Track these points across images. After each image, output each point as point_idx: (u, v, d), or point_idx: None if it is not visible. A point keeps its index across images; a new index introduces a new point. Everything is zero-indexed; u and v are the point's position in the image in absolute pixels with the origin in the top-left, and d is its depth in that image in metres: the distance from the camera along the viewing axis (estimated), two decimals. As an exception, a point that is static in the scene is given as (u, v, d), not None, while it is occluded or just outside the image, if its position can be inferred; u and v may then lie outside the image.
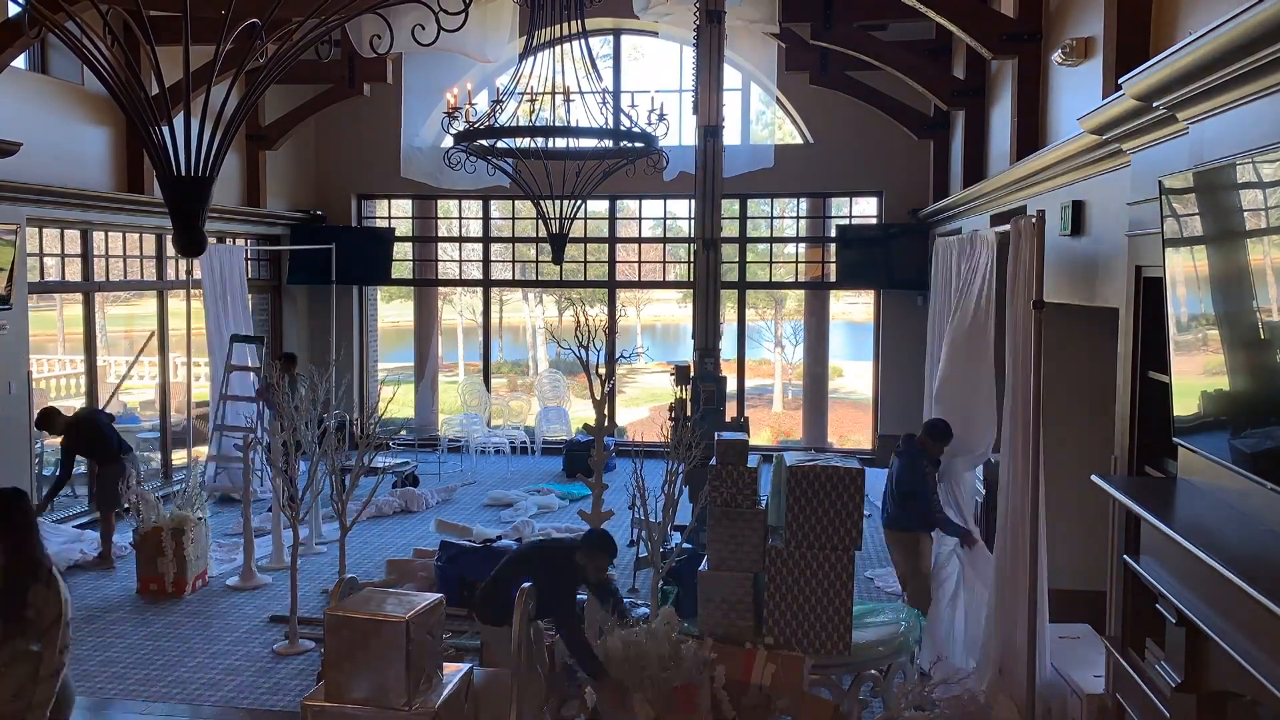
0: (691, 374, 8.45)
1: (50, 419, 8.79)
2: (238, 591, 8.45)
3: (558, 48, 7.64)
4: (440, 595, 4.87)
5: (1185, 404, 4.14)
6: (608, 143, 7.85)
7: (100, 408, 9.98)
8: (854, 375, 22.64)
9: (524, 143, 7.82)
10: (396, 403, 12.70)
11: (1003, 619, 6.18)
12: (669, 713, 4.97)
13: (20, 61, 9.63)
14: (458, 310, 24.43)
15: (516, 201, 14.39)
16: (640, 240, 15.05)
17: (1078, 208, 6.68)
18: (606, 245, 15.04)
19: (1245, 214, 3.52)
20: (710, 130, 8.09)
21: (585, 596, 6.05)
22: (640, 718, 4.98)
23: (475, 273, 15.53)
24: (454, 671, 4.89)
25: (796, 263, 14.77)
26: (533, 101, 7.51)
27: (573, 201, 8.59)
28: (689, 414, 7.92)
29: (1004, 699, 6.06)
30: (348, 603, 4.68)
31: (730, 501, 5.78)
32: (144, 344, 11.93)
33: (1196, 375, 4.06)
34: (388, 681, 4.47)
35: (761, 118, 17.88)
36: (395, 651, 4.45)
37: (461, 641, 6.87)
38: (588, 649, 5.18)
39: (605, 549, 5.55)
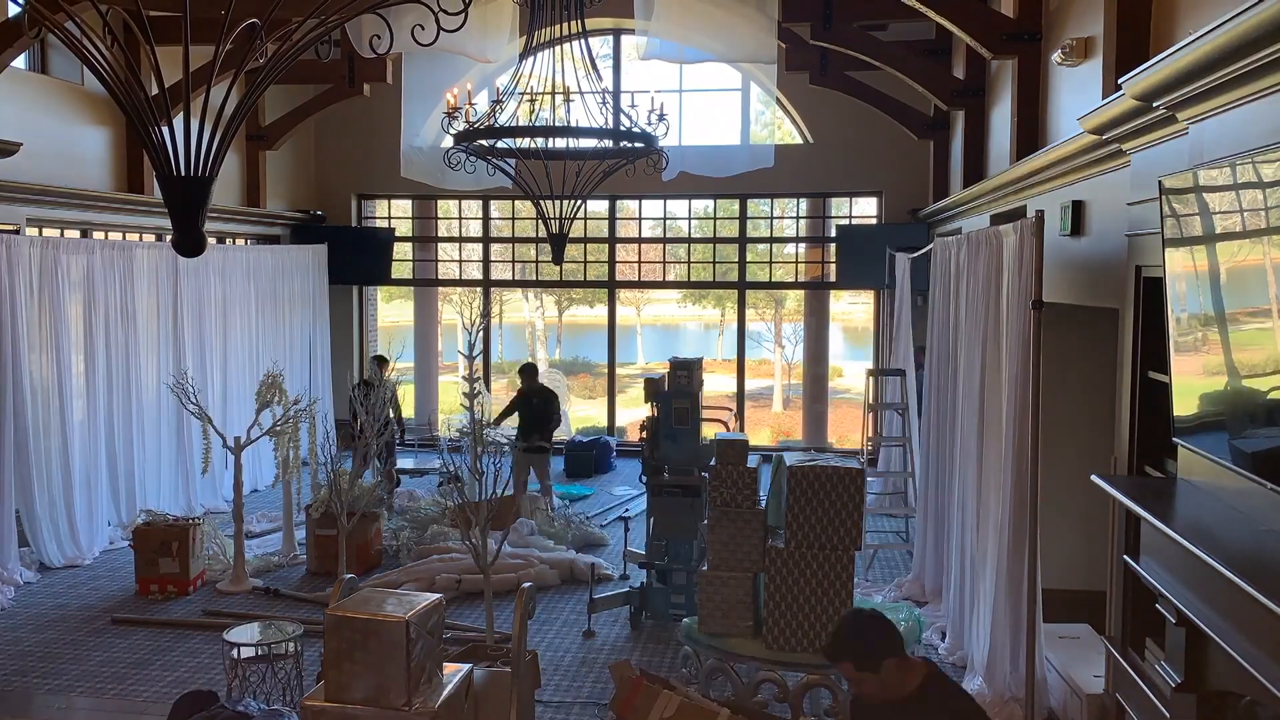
0: (665, 387, 7.82)
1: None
2: (230, 594, 8.43)
3: (557, 48, 7.64)
4: (440, 595, 4.87)
5: (1185, 404, 4.14)
6: (608, 143, 7.85)
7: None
8: (854, 375, 22.66)
9: (524, 143, 7.81)
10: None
11: (998, 618, 6.18)
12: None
13: (20, 61, 9.63)
14: (457, 310, 24.44)
15: (516, 201, 14.40)
16: (640, 240, 15.05)
17: (1078, 208, 6.68)
18: (606, 245, 15.04)
19: (1245, 214, 3.52)
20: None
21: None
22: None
23: (475, 273, 15.54)
24: (454, 671, 4.89)
25: (796, 263, 14.77)
26: (533, 101, 7.50)
27: (573, 201, 8.58)
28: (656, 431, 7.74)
29: (1007, 701, 6.06)
30: (347, 602, 4.68)
31: (730, 502, 5.77)
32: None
33: (1196, 375, 4.06)
34: (388, 681, 4.46)
35: (761, 118, 17.90)
36: (395, 651, 4.44)
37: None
38: None
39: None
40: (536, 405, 10.66)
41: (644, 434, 7.85)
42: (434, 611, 4.68)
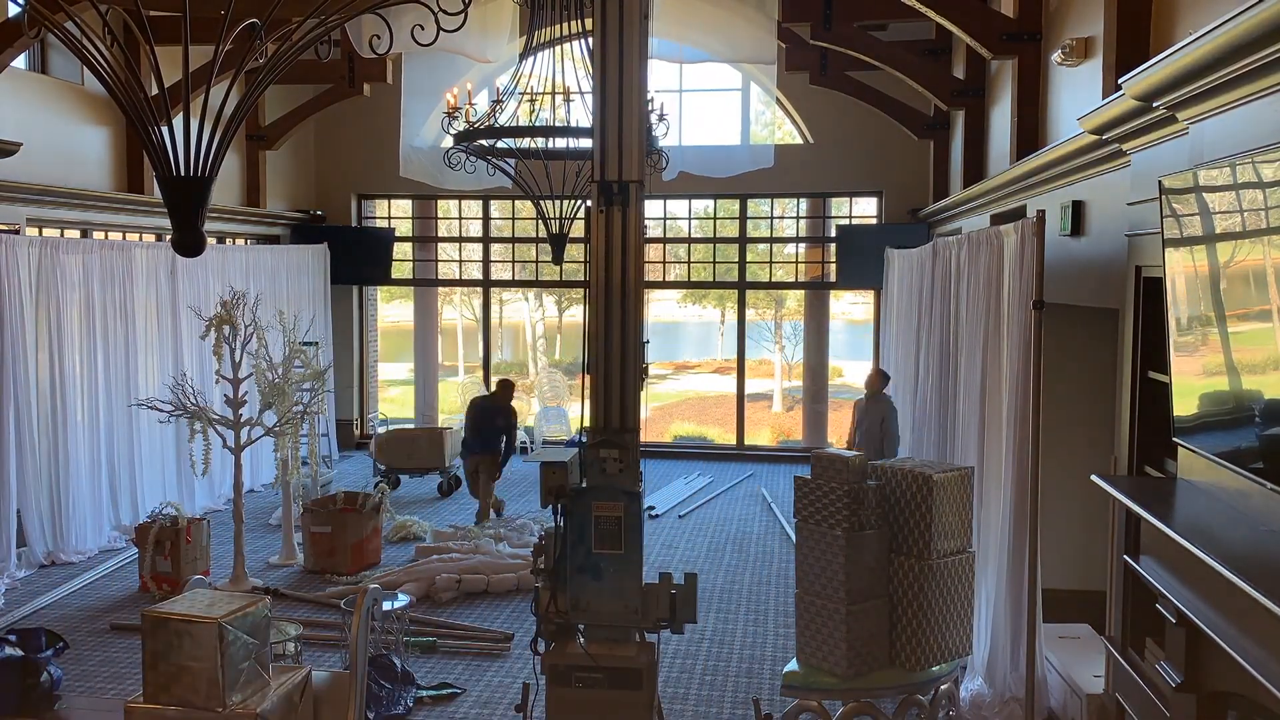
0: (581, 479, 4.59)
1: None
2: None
3: (558, 48, 7.64)
4: (266, 598, 4.79)
5: (1185, 404, 4.14)
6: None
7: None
8: (854, 375, 22.67)
9: (524, 143, 7.81)
10: (395, 403, 12.73)
11: (998, 618, 6.18)
12: None
13: (20, 61, 9.62)
14: (457, 310, 24.43)
15: (516, 201, 14.39)
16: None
17: (1078, 208, 6.68)
18: (606, 245, 15.01)
19: (1245, 214, 3.52)
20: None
21: None
22: None
23: (475, 273, 15.54)
24: (288, 674, 4.83)
25: (796, 263, 14.78)
26: (533, 101, 7.50)
27: (573, 201, 8.58)
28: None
29: (1007, 701, 6.06)
30: (171, 602, 4.67)
31: (819, 520, 5.36)
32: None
33: (1196, 375, 4.06)
34: (201, 683, 4.41)
35: (761, 118, 17.89)
36: (207, 652, 4.38)
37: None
38: None
39: None
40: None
41: (540, 562, 4.49)
42: (256, 613, 4.61)
